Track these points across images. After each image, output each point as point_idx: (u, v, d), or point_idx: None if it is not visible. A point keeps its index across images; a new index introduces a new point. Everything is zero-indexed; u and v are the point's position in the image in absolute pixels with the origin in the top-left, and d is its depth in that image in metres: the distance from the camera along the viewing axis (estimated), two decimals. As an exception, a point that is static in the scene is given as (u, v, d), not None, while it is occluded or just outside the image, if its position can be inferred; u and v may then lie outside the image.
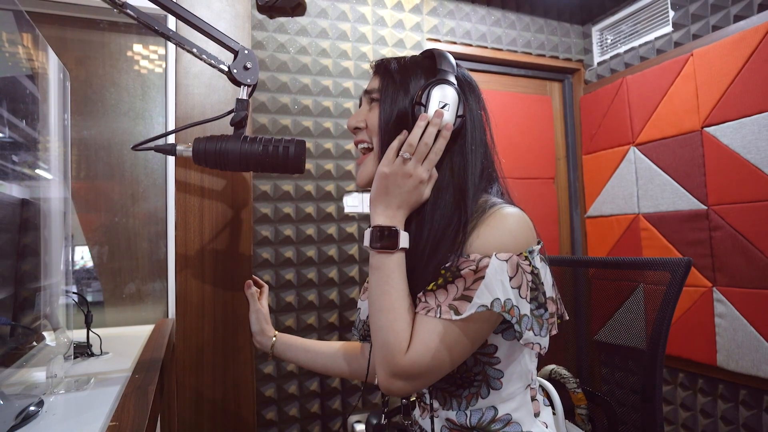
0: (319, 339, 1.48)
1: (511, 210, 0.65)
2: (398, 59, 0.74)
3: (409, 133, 0.67)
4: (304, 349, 0.96)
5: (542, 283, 0.64)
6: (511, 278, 0.60)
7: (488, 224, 0.64)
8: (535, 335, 0.62)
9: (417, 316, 0.64)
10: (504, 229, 0.63)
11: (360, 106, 0.79)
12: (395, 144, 0.68)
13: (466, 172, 0.69)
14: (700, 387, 1.55)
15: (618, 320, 1.02)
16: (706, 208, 1.51)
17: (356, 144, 0.77)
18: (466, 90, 0.73)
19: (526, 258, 0.63)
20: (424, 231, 0.68)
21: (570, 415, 0.96)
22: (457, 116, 0.68)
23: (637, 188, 1.75)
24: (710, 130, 1.50)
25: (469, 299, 0.60)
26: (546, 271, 0.67)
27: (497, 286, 0.60)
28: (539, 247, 0.66)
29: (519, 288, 0.61)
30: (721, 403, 1.49)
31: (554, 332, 0.67)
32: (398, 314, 0.63)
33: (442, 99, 0.67)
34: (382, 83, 0.72)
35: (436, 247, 0.65)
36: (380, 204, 0.67)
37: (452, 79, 0.69)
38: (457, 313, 0.60)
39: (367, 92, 0.75)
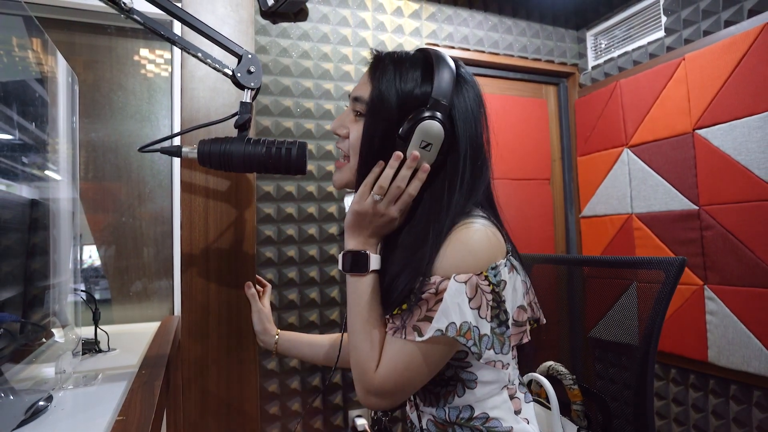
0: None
1: (473, 227, 0.64)
2: (397, 63, 0.68)
3: (385, 165, 0.65)
4: (308, 343, 0.97)
5: (504, 301, 0.63)
6: (470, 299, 0.60)
7: (450, 244, 0.63)
8: (496, 353, 0.62)
9: (387, 337, 0.66)
10: (464, 249, 0.62)
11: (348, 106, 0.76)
12: (369, 180, 0.67)
13: (444, 208, 0.66)
14: (692, 382, 1.57)
15: (612, 317, 1.03)
16: (697, 208, 1.54)
17: (338, 146, 0.76)
18: (462, 106, 0.67)
19: (486, 277, 0.62)
20: (396, 254, 0.69)
21: (566, 410, 0.97)
22: (439, 154, 0.65)
23: (631, 189, 1.77)
24: (702, 132, 1.52)
25: (429, 320, 0.61)
26: (516, 281, 0.66)
27: (454, 310, 0.60)
28: (504, 260, 0.64)
29: (479, 309, 0.61)
30: (712, 398, 1.51)
31: (526, 340, 0.68)
32: (369, 335, 0.65)
33: (426, 138, 0.63)
34: (369, 99, 0.68)
35: (404, 270, 0.65)
36: (353, 234, 0.69)
37: (446, 102, 0.63)
38: (420, 334, 0.61)
39: (355, 99, 0.71)
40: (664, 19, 1.70)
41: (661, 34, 1.72)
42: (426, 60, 0.68)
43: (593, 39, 2.02)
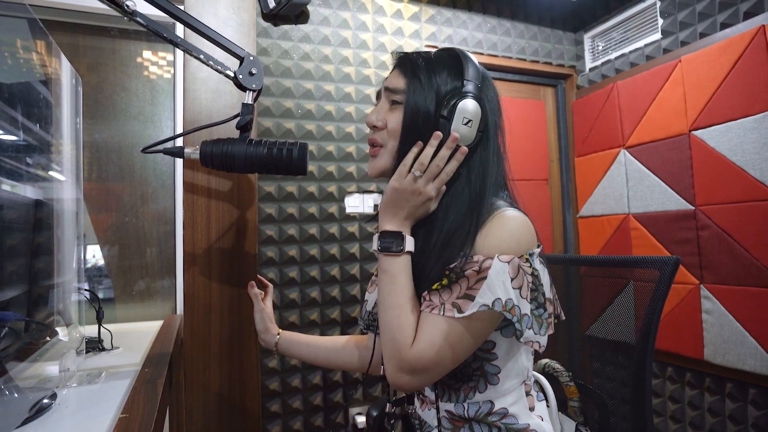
0: (321, 334, 1.51)
1: (513, 213, 0.67)
2: (424, 57, 0.72)
3: (425, 145, 0.68)
4: (307, 344, 0.97)
5: (542, 284, 0.66)
6: (512, 279, 0.62)
7: (491, 226, 0.66)
8: (535, 334, 0.64)
9: (422, 314, 0.66)
10: (506, 231, 0.65)
11: (377, 99, 0.77)
12: (409, 158, 0.69)
13: (484, 184, 0.70)
14: (688, 380, 1.59)
15: (609, 316, 1.04)
16: (693, 208, 1.56)
17: (370, 143, 0.76)
18: (490, 96, 0.72)
19: (527, 260, 0.64)
20: (433, 236, 0.70)
21: (563, 407, 0.97)
22: (478, 131, 0.68)
23: (627, 189, 1.79)
24: (698, 133, 1.54)
25: (471, 298, 0.62)
26: (545, 274, 0.68)
27: (499, 287, 0.61)
28: (539, 250, 0.68)
29: (520, 288, 0.62)
30: (708, 396, 1.52)
31: (551, 332, 0.69)
32: (403, 312, 0.66)
33: (466, 114, 0.67)
34: (408, 85, 0.71)
35: (443, 250, 0.67)
36: (388, 213, 0.70)
37: (477, 89, 0.68)
38: (460, 311, 0.62)
39: (389, 90, 0.73)
40: (660, 21, 1.72)
41: (657, 36, 1.73)
42: (451, 55, 0.73)
43: (591, 41, 2.03)
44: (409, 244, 0.69)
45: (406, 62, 0.73)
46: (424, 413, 0.77)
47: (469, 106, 0.67)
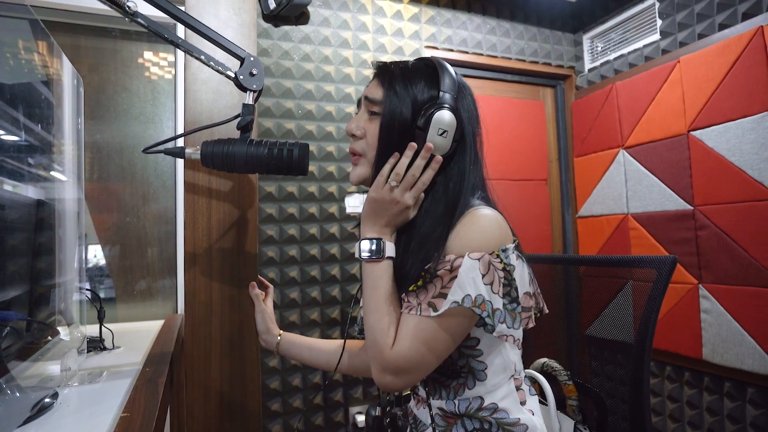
0: (321, 333, 1.53)
1: (484, 212, 0.69)
2: (401, 68, 0.74)
3: (401, 156, 0.70)
4: (308, 347, 0.98)
5: (514, 279, 0.67)
6: (483, 275, 0.64)
7: (462, 226, 0.68)
8: (508, 327, 0.65)
9: (402, 315, 0.68)
10: (476, 230, 0.67)
11: (358, 107, 0.79)
12: (386, 169, 0.71)
13: (460, 191, 0.71)
14: (687, 379, 1.59)
15: (607, 315, 1.05)
16: (692, 208, 1.56)
17: (351, 152, 0.79)
18: (465, 105, 0.73)
19: (498, 256, 0.66)
20: (413, 240, 0.72)
21: (561, 406, 0.98)
22: (453, 141, 0.70)
23: (626, 189, 1.80)
24: (696, 133, 1.55)
25: (444, 296, 0.64)
26: (523, 267, 0.70)
27: (469, 284, 0.64)
28: (514, 245, 0.69)
29: (491, 284, 0.64)
30: (707, 395, 1.53)
31: (531, 325, 0.71)
32: (384, 314, 0.68)
33: (441, 125, 0.68)
34: (385, 97, 0.72)
35: (420, 252, 0.69)
36: (369, 222, 0.72)
37: (452, 100, 0.70)
38: (435, 309, 0.64)
39: (367, 99, 0.75)
40: (659, 22, 1.73)
41: (656, 37, 1.74)
42: (428, 65, 0.75)
43: (590, 42, 2.04)
44: (390, 249, 0.71)
45: (384, 72, 0.75)
46: (419, 411, 0.78)
47: (444, 117, 0.68)
